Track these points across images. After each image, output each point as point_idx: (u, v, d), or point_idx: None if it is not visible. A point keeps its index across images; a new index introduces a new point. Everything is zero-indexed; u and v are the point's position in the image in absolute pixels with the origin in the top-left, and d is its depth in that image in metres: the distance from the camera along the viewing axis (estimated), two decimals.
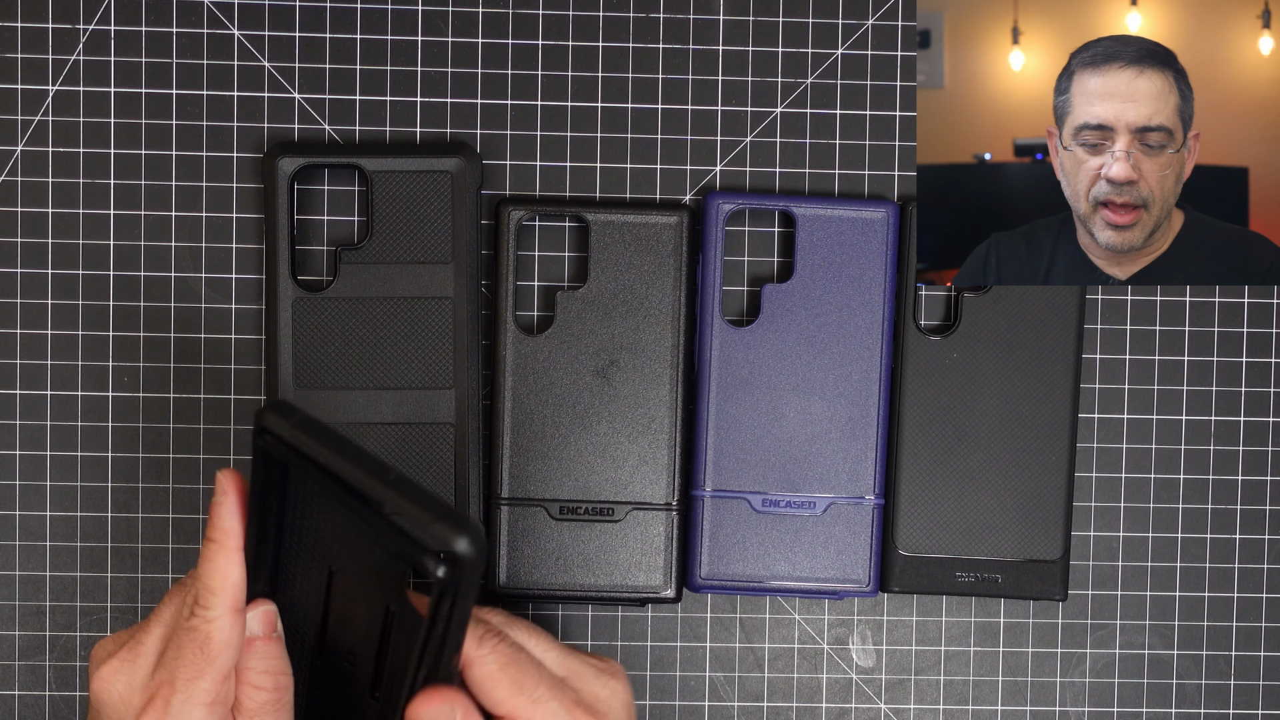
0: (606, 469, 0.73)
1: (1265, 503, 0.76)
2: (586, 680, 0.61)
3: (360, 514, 0.54)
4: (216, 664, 0.57)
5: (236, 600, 0.58)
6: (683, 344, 0.73)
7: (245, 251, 0.74)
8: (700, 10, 0.74)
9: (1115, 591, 0.76)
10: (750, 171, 0.74)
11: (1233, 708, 0.76)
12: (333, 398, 0.72)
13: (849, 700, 0.75)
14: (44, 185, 0.73)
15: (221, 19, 0.73)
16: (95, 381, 0.74)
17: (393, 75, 0.74)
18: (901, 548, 0.73)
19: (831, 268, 0.73)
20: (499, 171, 0.74)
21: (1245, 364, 0.76)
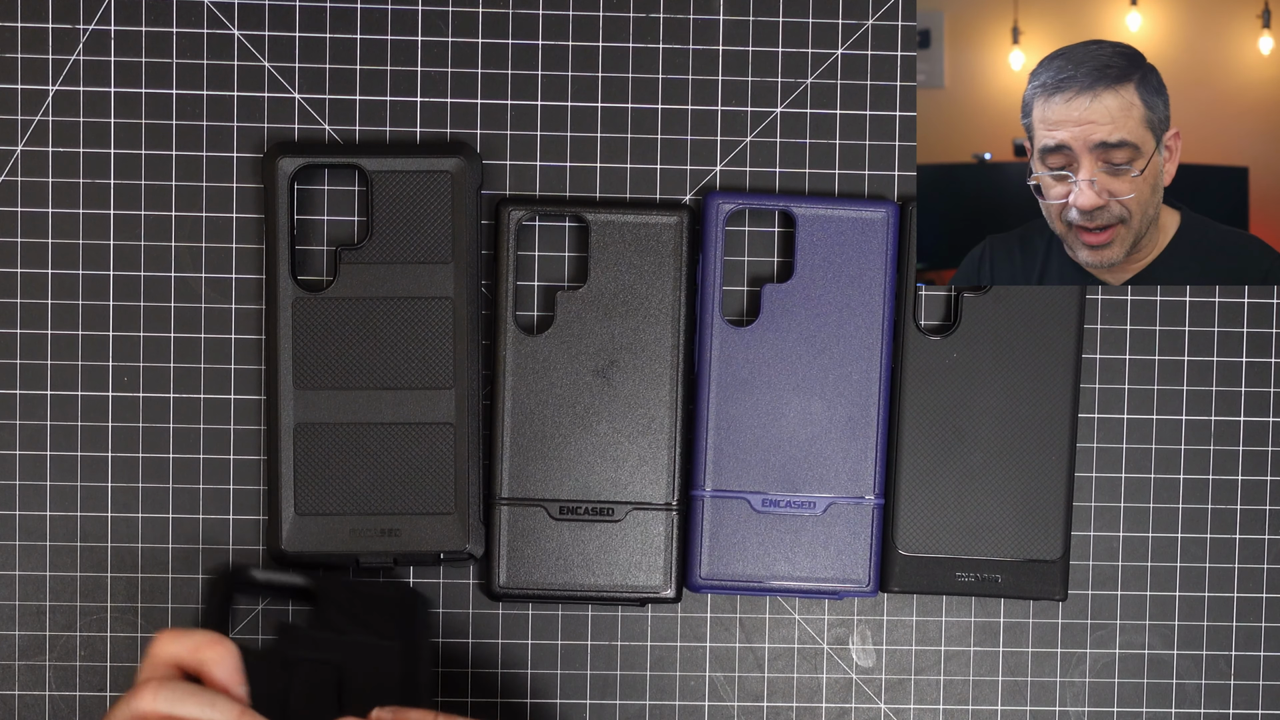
0: (606, 469, 0.73)
1: (1265, 503, 0.76)
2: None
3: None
4: None
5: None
6: (683, 344, 0.73)
7: (245, 251, 0.74)
8: (700, 10, 0.74)
9: (1115, 591, 0.76)
10: (750, 171, 0.74)
11: (1233, 708, 0.76)
12: (333, 398, 0.72)
13: (849, 700, 0.75)
14: (44, 185, 0.73)
15: (221, 19, 0.73)
16: (95, 381, 0.74)
17: (393, 75, 0.74)
18: (901, 548, 0.73)
19: (831, 268, 0.73)
20: (499, 171, 0.74)
21: (1245, 364, 0.76)
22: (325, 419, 0.72)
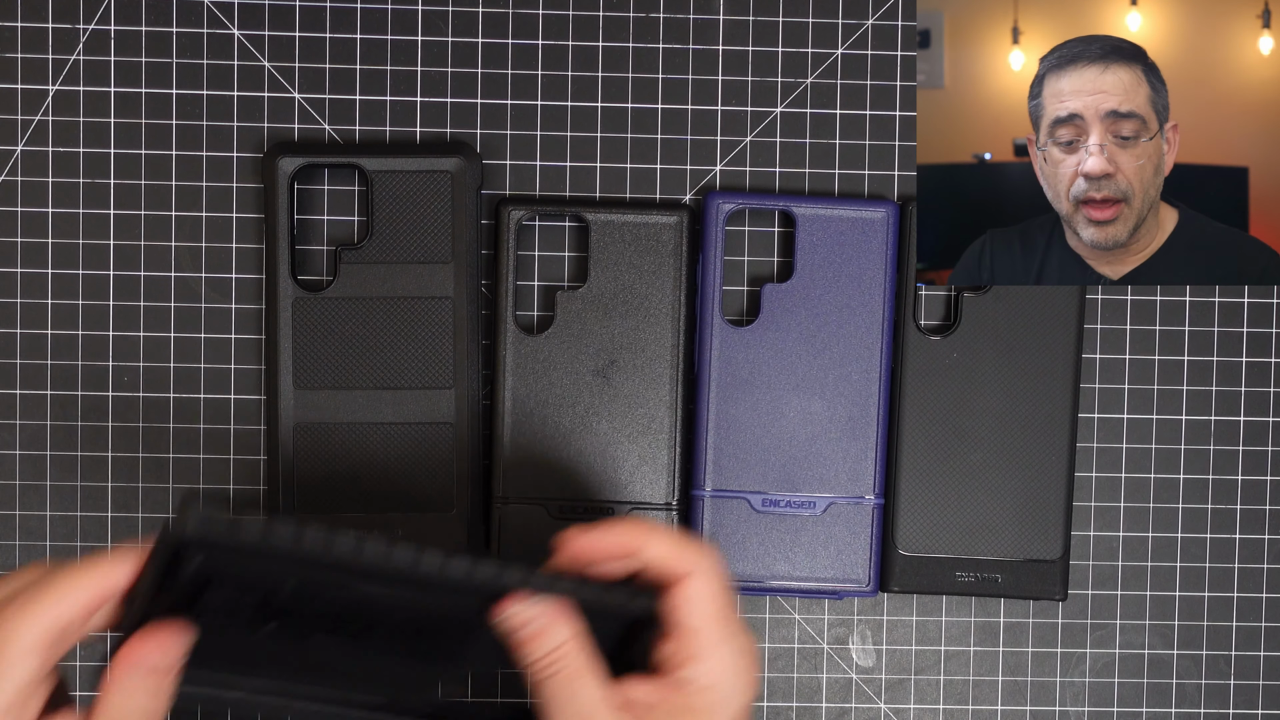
0: (606, 469, 0.73)
1: (1265, 503, 0.76)
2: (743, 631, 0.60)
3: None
4: None
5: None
6: (683, 344, 0.73)
7: (245, 251, 0.74)
8: (700, 10, 0.74)
9: (1115, 591, 0.76)
10: (750, 171, 0.74)
11: (1233, 708, 0.76)
12: (333, 398, 0.72)
13: (849, 700, 0.75)
14: (44, 185, 0.73)
15: (221, 19, 0.73)
16: (95, 381, 0.74)
17: (393, 75, 0.74)
18: (901, 547, 0.73)
19: (831, 268, 0.73)
20: (499, 171, 0.74)
21: (1245, 364, 0.76)
22: (325, 419, 0.72)
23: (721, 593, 0.57)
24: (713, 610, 0.57)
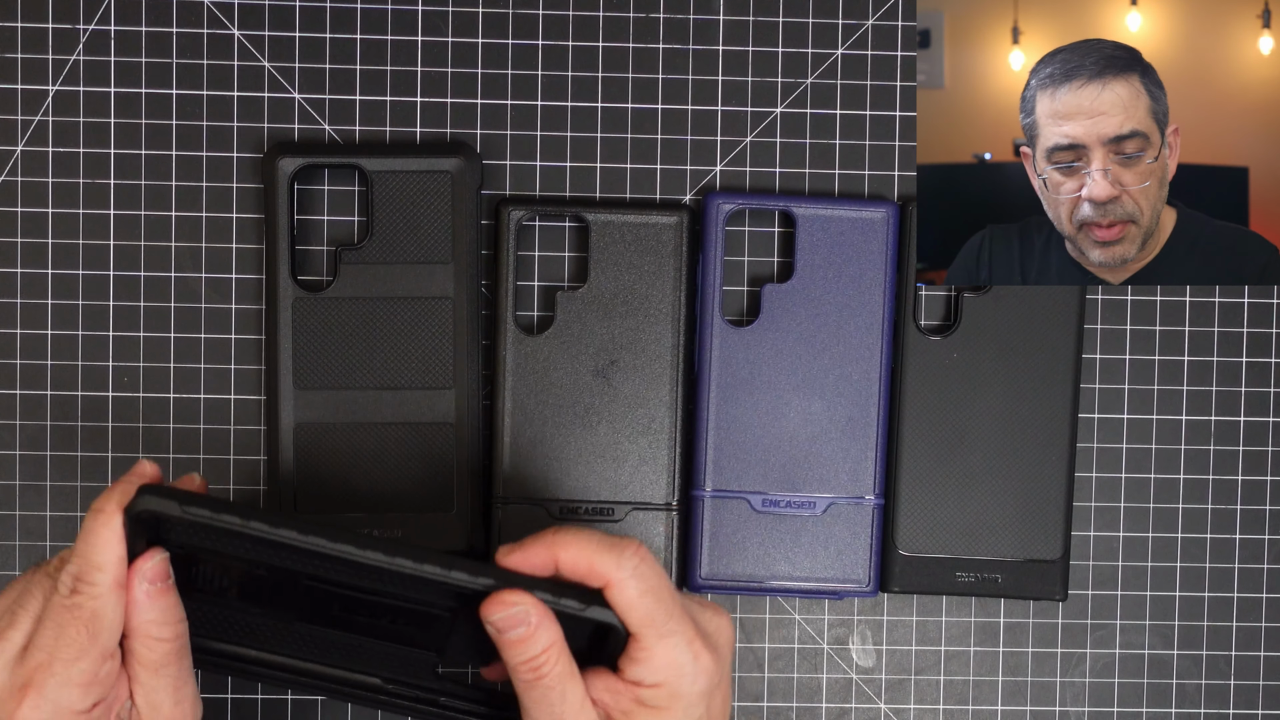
0: (606, 469, 0.73)
1: (1265, 503, 0.76)
2: (697, 613, 0.60)
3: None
4: (100, 641, 0.55)
5: (120, 575, 0.56)
6: (683, 344, 0.73)
7: (245, 251, 0.74)
8: (700, 10, 0.74)
9: (1115, 591, 0.76)
10: (750, 171, 0.74)
11: (1233, 708, 0.76)
12: (333, 398, 0.72)
13: (849, 700, 0.75)
14: (44, 185, 0.73)
15: (221, 19, 0.73)
16: (95, 381, 0.74)
17: (393, 75, 0.74)
18: (901, 548, 0.73)
19: (831, 268, 0.73)
20: (499, 171, 0.74)
21: (1245, 364, 0.76)
22: (325, 419, 0.72)
23: (650, 590, 0.57)
24: (641, 612, 0.57)
